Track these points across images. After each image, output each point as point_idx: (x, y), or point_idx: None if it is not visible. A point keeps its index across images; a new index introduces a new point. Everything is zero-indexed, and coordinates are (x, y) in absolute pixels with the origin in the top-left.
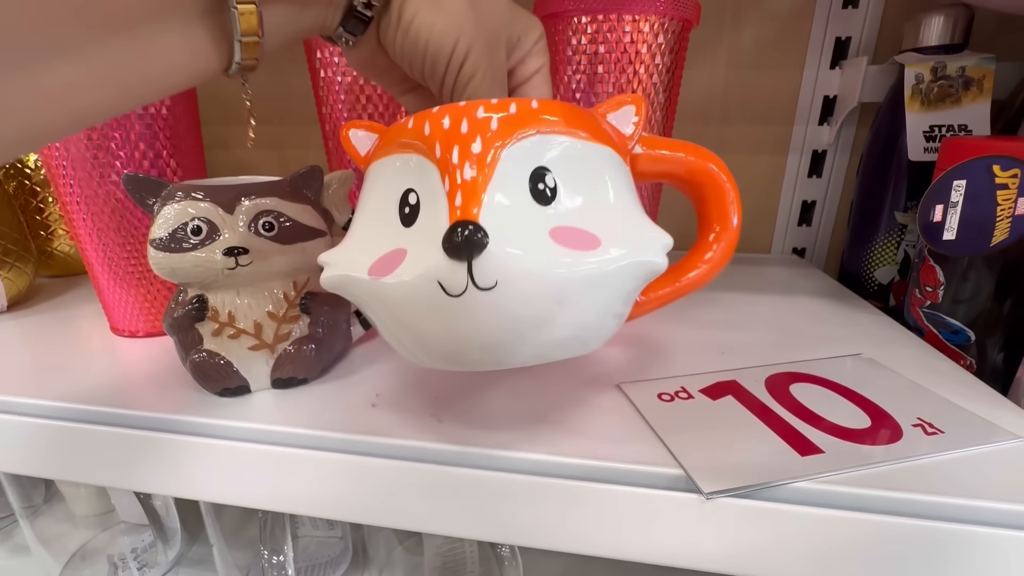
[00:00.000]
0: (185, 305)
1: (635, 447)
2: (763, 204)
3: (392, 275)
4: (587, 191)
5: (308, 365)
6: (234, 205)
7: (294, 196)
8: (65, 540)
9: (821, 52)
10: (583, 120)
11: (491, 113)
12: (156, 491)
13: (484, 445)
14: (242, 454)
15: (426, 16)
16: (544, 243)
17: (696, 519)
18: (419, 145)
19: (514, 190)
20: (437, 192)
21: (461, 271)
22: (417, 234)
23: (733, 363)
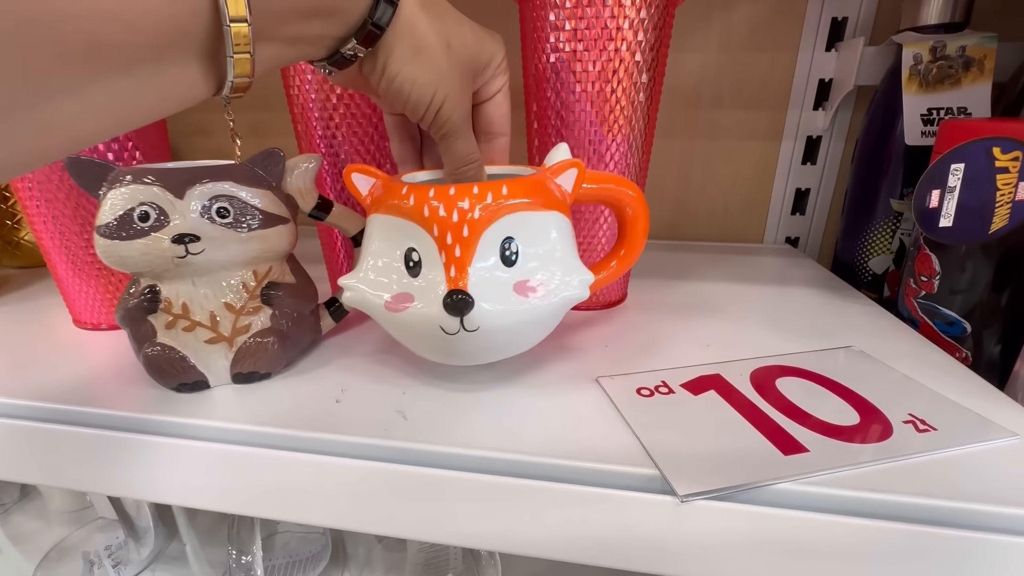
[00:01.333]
0: (137, 296)
1: (610, 446)
2: (755, 192)
3: (404, 313)
4: (538, 250)
5: (270, 359)
6: (184, 189)
7: (252, 180)
8: (40, 537)
9: (816, 33)
10: (538, 192)
11: (475, 204)
12: (111, 492)
13: (450, 444)
14: (198, 453)
15: (409, 72)
16: (509, 296)
17: (669, 523)
18: (419, 220)
19: (489, 260)
20: (434, 259)
21: (455, 322)
22: (421, 286)
23: (718, 356)
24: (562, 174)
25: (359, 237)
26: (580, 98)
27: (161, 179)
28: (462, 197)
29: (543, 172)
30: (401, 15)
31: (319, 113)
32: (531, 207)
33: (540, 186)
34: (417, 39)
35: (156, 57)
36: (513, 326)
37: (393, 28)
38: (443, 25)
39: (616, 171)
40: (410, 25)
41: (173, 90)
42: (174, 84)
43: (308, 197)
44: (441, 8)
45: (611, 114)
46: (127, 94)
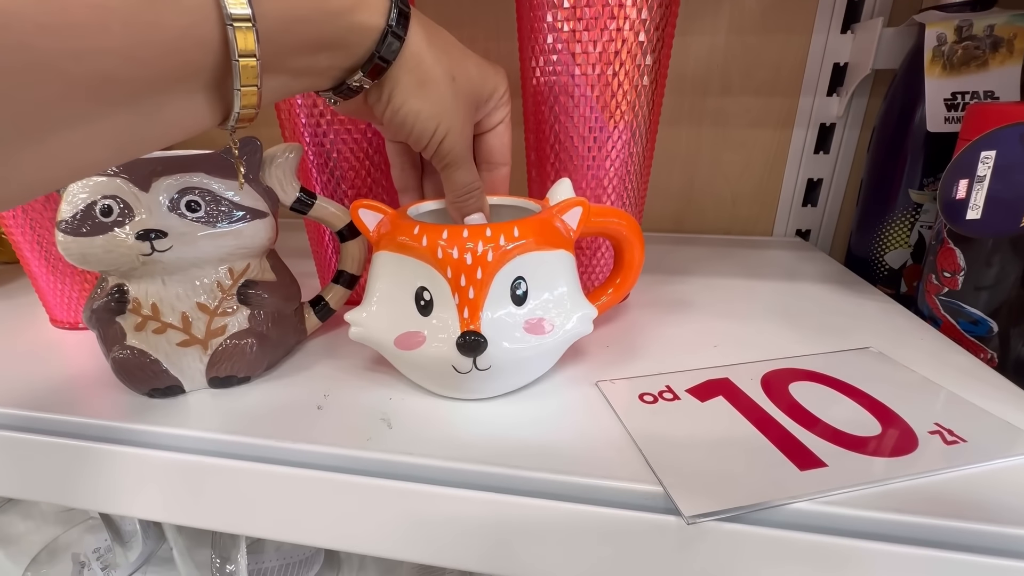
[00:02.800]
0: (103, 296)
1: (609, 459)
2: (765, 183)
3: (416, 351)
4: (546, 288)
5: (248, 362)
6: (150, 181)
7: (226, 171)
8: (30, 538)
9: (832, 14)
10: (546, 232)
11: (488, 247)
12: (81, 506)
13: (436, 456)
14: (170, 464)
15: (413, 105)
16: (519, 334)
17: (675, 546)
18: (432, 261)
19: (500, 300)
20: (447, 300)
21: (468, 362)
22: (433, 325)
23: (726, 358)
24: (567, 212)
25: (345, 231)
26: (579, 82)
27: (125, 170)
28: (475, 240)
29: (550, 211)
30: (408, 49)
31: (302, 99)
32: (540, 247)
33: (548, 225)
34: (423, 72)
35: (163, 90)
36: (523, 363)
37: (399, 61)
38: (448, 59)
39: (619, 160)
40: (416, 59)
41: (179, 121)
42: (180, 115)
43: (289, 189)
44: (447, 43)
45: (613, 99)
46: (132, 125)
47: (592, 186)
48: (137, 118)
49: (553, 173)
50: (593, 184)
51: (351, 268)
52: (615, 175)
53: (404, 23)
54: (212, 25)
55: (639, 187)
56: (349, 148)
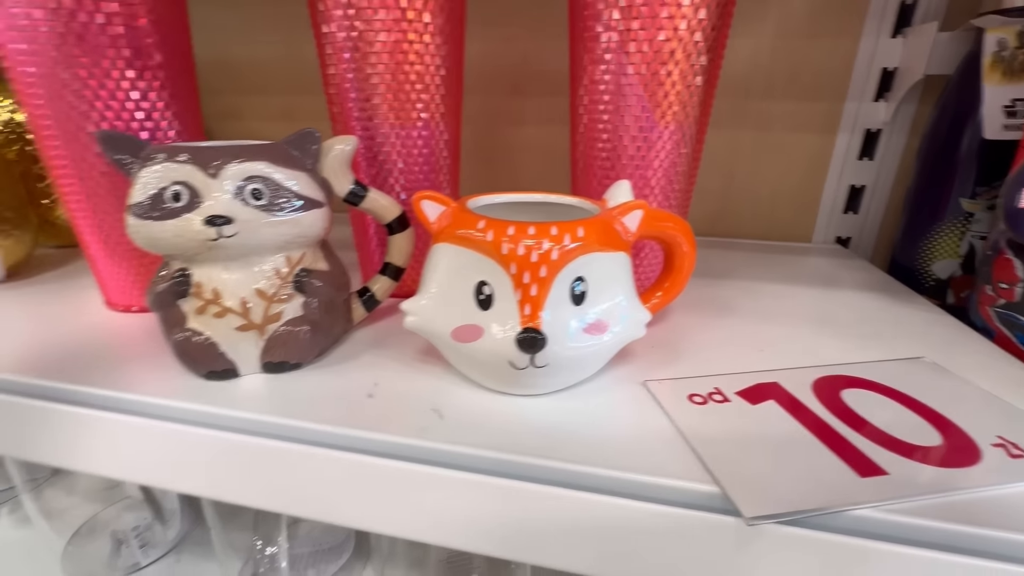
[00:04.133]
0: (167, 280)
1: (662, 457)
2: (806, 189)
3: (472, 344)
4: (604, 290)
5: (301, 349)
6: (219, 169)
7: (287, 161)
8: (70, 514)
9: (882, 19)
10: (607, 234)
11: (554, 247)
12: (136, 480)
13: (490, 447)
14: (226, 444)
15: None
16: (577, 334)
17: (733, 547)
18: (496, 256)
19: (561, 299)
20: (508, 295)
21: (526, 358)
22: (492, 320)
23: (773, 362)
24: (628, 214)
25: (395, 224)
26: (632, 81)
27: (195, 158)
28: (541, 237)
29: (610, 213)
30: None
31: (356, 95)
32: (601, 248)
33: (609, 227)
34: None
35: None
36: (578, 362)
37: None
38: None
39: (668, 160)
40: None
41: None
42: None
43: (344, 181)
44: None
45: (665, 99)
46: None
47: (639, 186)
48: None
49: (601, 172)
50: (640, 184)
51: (398, 260)
52: (663, 176)
53: None
54: None
55: (685, 188)
56: (401, 142)
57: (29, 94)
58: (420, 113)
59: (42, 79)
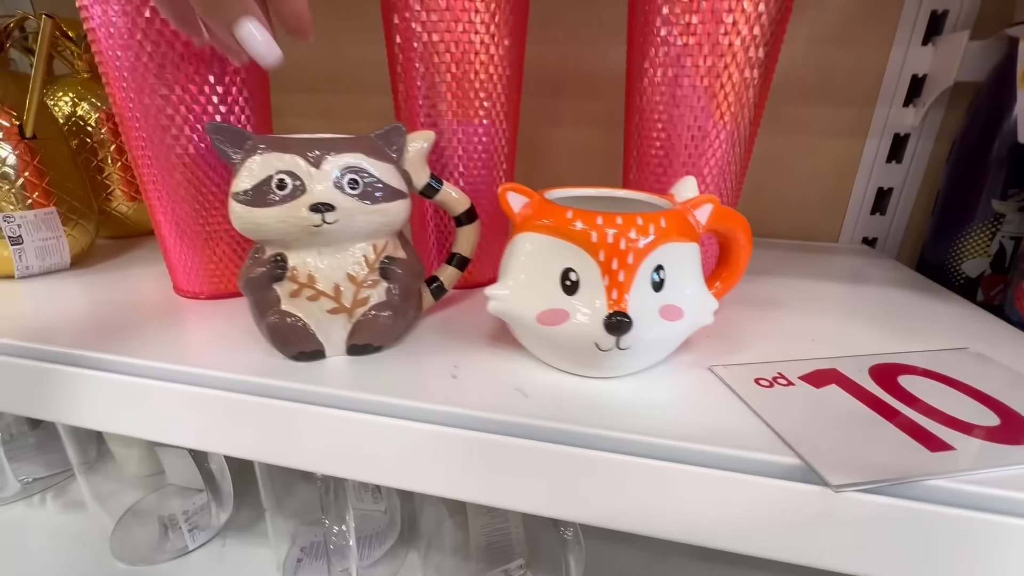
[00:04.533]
0: (264, 264)
1: (742, 432)
2: (834, 190)
3: (558, 328)
4: (680, 278)
5: (385, 332)
6: (321, 159)
7: (379, 154)
8: (117, 499)
9: (913, 27)
10: (683, 226)
11: (640, 236)
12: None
13: (580, 423)
14: (329, 420)
15: None
16: (656, 319)
17: (820, 513)
18: (584, 244)
19: (644, 285)
20: (595, 281)
21: (612, 340)
22: (578, 304)
23: (825, 351)
24: (699, 208)
25: (463, 217)
26: (688, 93)
27: (298, 148)
28: (628, 228)
29: (684, 205)
30: None
31: (424, 96)
32: (679, 238)
33: (684, 219)
34: None
35: None
36: (656, 345)
37: None
38: None
39: (716, 167)
40: None
41: None
42: None
43: (421, 174)
44: None
45: (717, 109)
46: None
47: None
48: None
49: (658, 170)
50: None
51: (465, 251)
52: (717, 173)
53: None
54: None
55: (736, 187)
56: (463, 140)
57: (120, 87)
58: (482, 113)
59: (134, 79)
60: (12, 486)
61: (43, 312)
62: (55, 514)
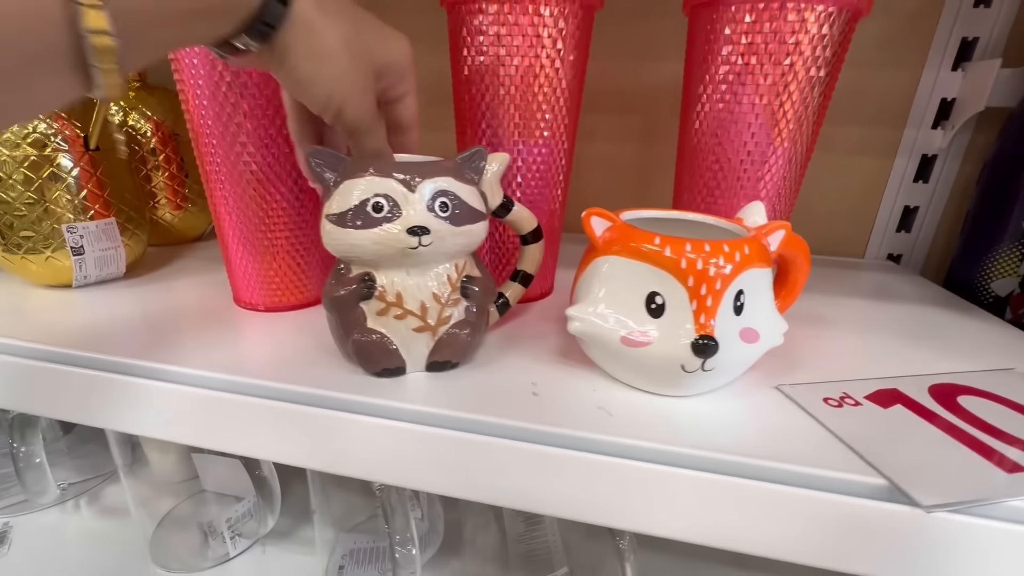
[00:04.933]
0: (353, 283)
1: (821, 452)
2: (862, 208)
3: (643, 349)
4: (756, 301)
5: (464, 349)
6: (415, 183)
7: (463, 177)
8: (152, 504)
9: (944, 52)
10: (762, 252)
11: (727, 263)
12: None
13: (670, 443)
14: (413, 436)
15: (306, 70)
16: (737, 341)
17: (911, 533)
18: (673, 269)
19: (728, 309)
20: (682, 305)
21: (698, 362)
22: (664, 327)
23: (881, 370)
24: (772, 234)
25: (529, 236)
26: (747, 112)
27: (394, 172)
28: (716, 255)
29: (760, 231)
30: (295, 13)
31: (486, 112)
32: (758, 264)
33: (761, 245)
34: (314, 38)
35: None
36: (734, 367)
37: (288, 26)
38: (344, 24)
39: (773, 187)
40: (306, 23)
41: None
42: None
43: (496, 194)
44: (342, 7)
45: (776, 129)
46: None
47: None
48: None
49: (715, 190)
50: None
51: (530, 268)
52: (773, 193)
53: None
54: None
55: (787, 209)
56: (523, 157)
57: (199, 111)
58: (543, 127)
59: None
60: (52, 491)
61: (108, 321)
62: (91, 520)
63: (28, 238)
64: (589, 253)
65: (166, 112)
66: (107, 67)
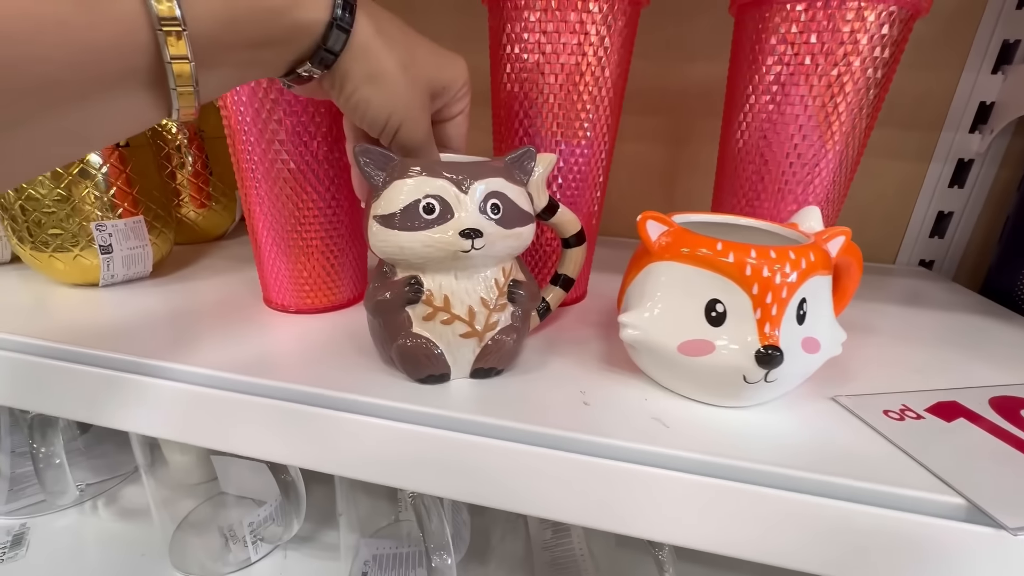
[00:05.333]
0: (399, 286)
1: (889, 468)
2: (895, 212)
3: (702, 359)
4: (817, 310)
5: (510, 356)
6: (468, 184)
7: (514, 178)
8: (172, 506)
9: (984, 55)
10: (825, 259)
11: (793, 271)
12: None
13: (729, 456)
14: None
15: (364, 93)
16: (799, 352)
17: (995, 556)
18: (736, 277)
19: (791, 319)
20: (745, 313)
21: (761, 373)
22: (725, 336)
23: (935, 382)
24: (832, 240)
25: (572, 239)
26: (798, 111)
27: (445, 172)
28: (783, 262)
29: (820, 237)
30: (355, 40)
31: (527, 111)
32: (821, 272)
33: (823, 252)
34: (373, 62)
35: (106, 91)
36: (795, 377)
37: (348, 52)
38: (401, 49)
39: (823, 191)
40: (365, 49)
41: (126, 117)
42: (126, 112)
43: (541, 196)
44: (399, 32)
45: (829, 130)
46: (82, 123)
47: (792, 210)
48: (85, 115)
49: (751, 195)
50: (793, 208)
51: (571, 272)
52: (823, 200)
53: (350, 15)
54: (144, 30)
55: (835, 213)
56: (563, 158)
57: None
58: (586, 128)
59: (252, 103)
60: (72, 492)
61: (137, 321)
62: (109, 521)
63: (56, 236)
64: (641, 258)
65: None
66: (184, 90)
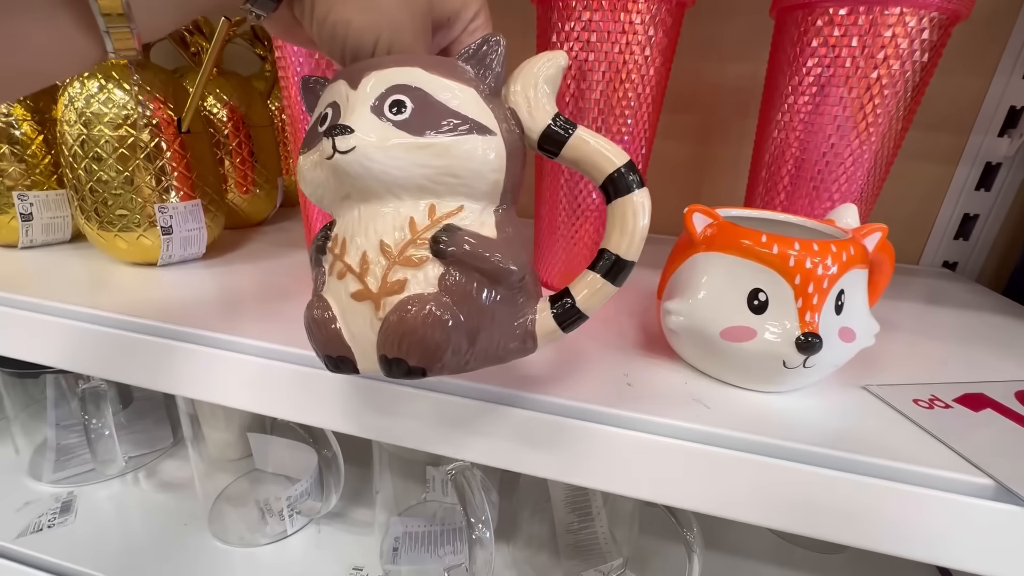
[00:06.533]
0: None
1: (922, 450)
2: (920, 214)
3: (744, 344)
4: (854, 301)
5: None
6: (360, 77)
7: (450, 72)
8: (210, 480)
9: (1016, 59)
10: (863, 253)
11: (834, 263)
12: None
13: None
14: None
15: (341, 13)
16: (836, 340)
17: (1019, 532)
18: (779, 267)
19: (830, 308)
20: (786, 302)
21: (800, 359)
22: (766, 323)
23: (962, 374)
24: (868, 236)
25: (611, 186)
26: (836, 113)
27: (349, 73)
28: (825, 255)
29: (858, 232)
30: None
31: (568, 107)
32: (860, 265)
33: (861, 246)
34: None
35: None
36: (831, 365)
37: None
38: None
39: (857, 190)
40: None
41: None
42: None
43: (538, 114)
44: None
45: (865, 131)
46: None
47: (826, 208)
48: None
49: (786, 192)
50: (828, 206)
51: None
52: (857, 199)
53: None
54: None
55: (867, 212)
56: None
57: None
58: (625, 130)
59: None
60: (119, 462)
61: (197, 297)
62: (151, 492)
63: (122, 216)
64: (685, 248)
65: (241, 98)
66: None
